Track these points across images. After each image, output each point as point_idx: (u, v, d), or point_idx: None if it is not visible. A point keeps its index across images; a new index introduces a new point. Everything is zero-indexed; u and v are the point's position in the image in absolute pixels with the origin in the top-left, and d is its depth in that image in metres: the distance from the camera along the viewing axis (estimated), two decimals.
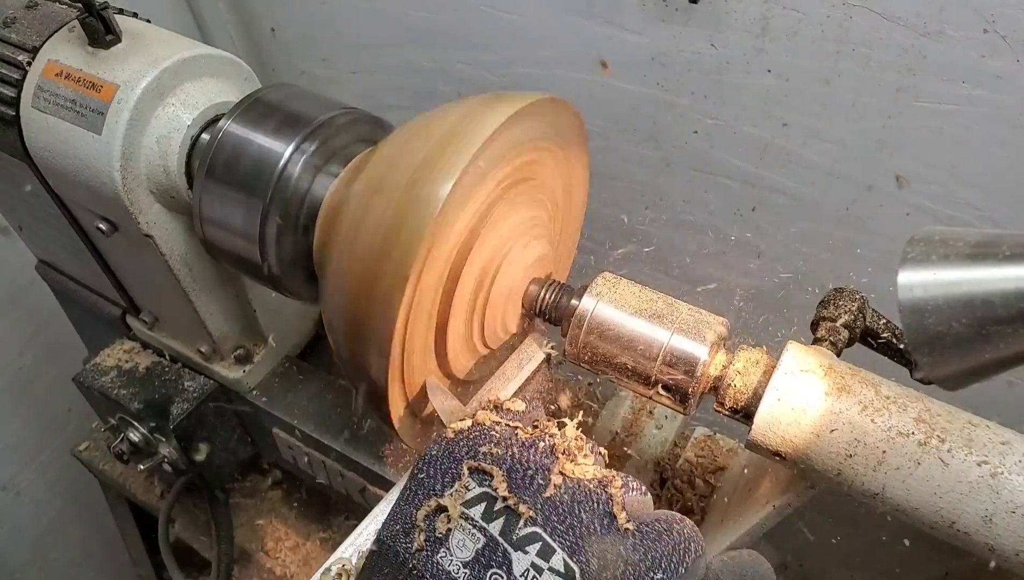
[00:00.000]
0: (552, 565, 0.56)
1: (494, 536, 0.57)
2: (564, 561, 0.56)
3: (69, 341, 1.53)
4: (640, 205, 1.61)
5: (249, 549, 1.39)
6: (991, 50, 1.09)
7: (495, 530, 0.58)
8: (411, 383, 0.79)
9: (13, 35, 0.93)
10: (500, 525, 0.58)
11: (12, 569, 1.90)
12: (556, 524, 0.58)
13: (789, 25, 1.22)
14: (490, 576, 0.56)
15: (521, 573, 0.56)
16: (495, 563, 0.56)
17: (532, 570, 0.56)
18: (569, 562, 0.56)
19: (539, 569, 0.56)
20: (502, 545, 0.57)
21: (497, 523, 0.58)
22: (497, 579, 0.56)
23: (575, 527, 0.58)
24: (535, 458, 0.62)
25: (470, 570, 0.56)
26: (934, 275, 0.52)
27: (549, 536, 0.57)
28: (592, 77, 1.47)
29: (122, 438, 1.21)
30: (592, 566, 0.57)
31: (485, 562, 0.56)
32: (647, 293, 0.78)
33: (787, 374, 0.68)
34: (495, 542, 0.57)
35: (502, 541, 0.57)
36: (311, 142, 0.85)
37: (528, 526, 0.58)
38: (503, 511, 0.58)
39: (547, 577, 0.56)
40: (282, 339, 1.22)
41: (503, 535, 0.57)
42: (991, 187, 1.22)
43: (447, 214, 0.69)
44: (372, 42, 1.73)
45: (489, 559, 0.56)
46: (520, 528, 0.58)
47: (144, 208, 0.94)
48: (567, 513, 0.59)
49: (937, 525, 0.63)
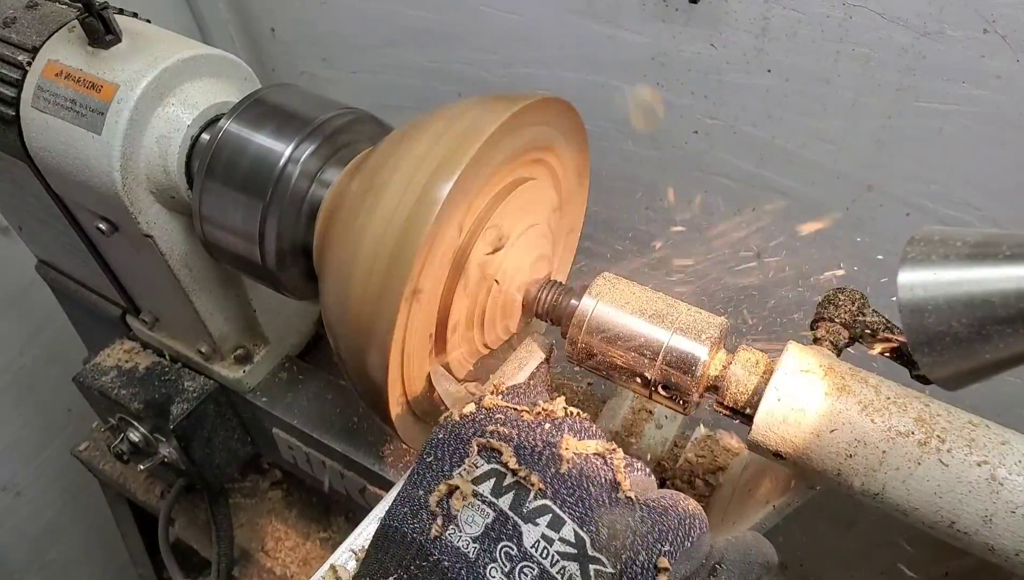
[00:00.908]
0: (563, 535, 0.57)
1: (504, 510, 0.58)
2: (575, 531, 0.57)
3: (69, 341, 1.53)
4: (640, 205, 1.61)
5: (249, 549, 1.39)
6: (991, 50, 1.09)
7: (505, 504, 0.58)
8: (411, 383, 0.79)
9: (13, 35, 0.93)
10: (510, 499, 0.59)
11: (12, 569, 1.90)
12: (566, 496, 0.59)
13: (789, 25, 1.22)
14: (500, 549, 0.57)
15: (532, 544, 0.57)
16: (505, 536, 0.57)
17: (543, 541, 0.57)
18: (579, 532, 0.57)
19: (549, 540, 0.57)
20: (512, 518, 0.58)
21: (507, 497, 0.59)
22: (508, 551, 0.56)
23: (584, 499, 0.59)
24: (541, 435, 0.63)
25: (480, 544, 0.57)
26: (934, 275, 0.52)
27: (559, 508, 0.58)
28: (592, 77, 1.47)
29: (122, 438, 1.21)
30: (602, 535, 0.57)
31: (495, 535, 0.57)
32: (647, 293, 0.78)
33: (787, 374, 0.68)
34: (505, 516, 0.58)
35: (512, 514, 0.58)
36: (311, 142, 0.85)
37: (538, 499, 0.58)
38: (512, 486, 0.59)
39: (558, 547, 0.56)
40: (282, 339, 1.22)
41: (513, 509, 0.58)
42: (991, 187, 1.22)
43: (447, 214, 0.69)
44: (372, 42, 1.73)
45: (499, 532, 0.57)
46: (530, 501, 0.58)
47: (144, 208, 0.94)
48: (576, 486, 0.59)
49: (937, 525, 0.63)
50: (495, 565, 0.56)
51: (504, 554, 0.56)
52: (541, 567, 0.56)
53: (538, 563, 0.56)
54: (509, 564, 0.56)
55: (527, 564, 0.56)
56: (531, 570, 0.56)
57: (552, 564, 0.56)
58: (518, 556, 0.56)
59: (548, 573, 0.56)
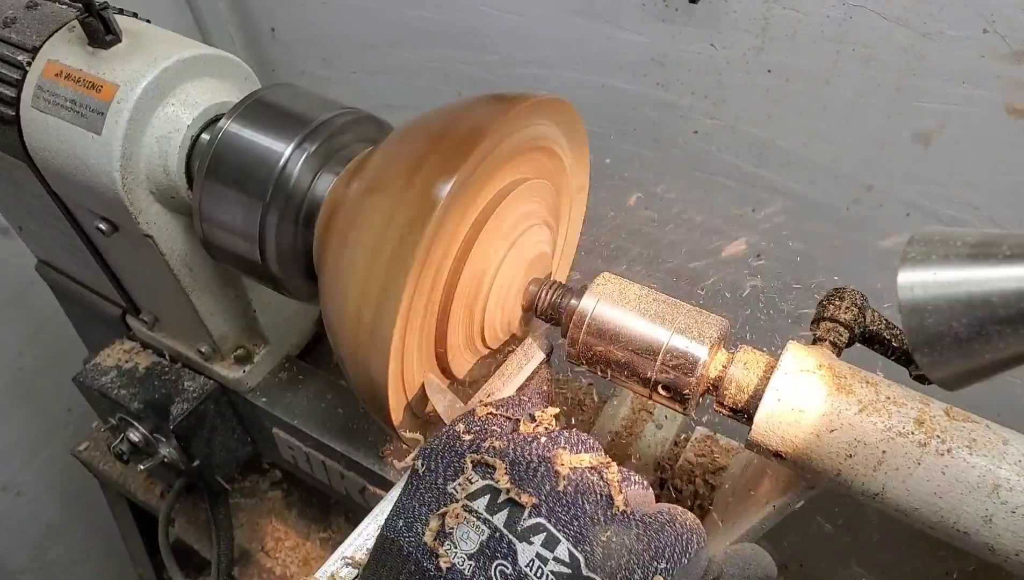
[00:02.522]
0: (557, 555, 0.56)
1: (498, 528, 0.58)
2: (569, 550, 0.57)
3: (69, 341, 1.53)
4: (640, 205, 1.61)
5: (249, 549, 1.39)
6: (991, 50, 1.09)
7: (499, 522, 0.58)
8: (411, 383, 0.79)
9: (13, 35, 0.93)
10: (504, 517, 0.58)
11: (12, 569, 1.90)
12: (560, 514, 0.58)
13: (789, 25, 1.22)
14: (495, 568, 0.56)
15: (526, 564, 0.56)
16: (500, 554, 0.57)
17: (537, 560, 0.56)
18: (574, 551, 0.57)
19: (544, 559, 0.56)
20: (507, 536, 0.57)
21: (501, 515, 0.58)
22: (503, 570, 0.56)
23: (579, 517, 0.58)
24: (536, 450, 0.62)
25: (475, 562, 0.57)
26: (934, 275, 0.52)
27: (553, 526, 0.58)
28: (592, 77, 1.47)
29: (122, 438, 1.21)
30: (596, 555, 0.57)
31: (490, 554, 0.57)
32: (647, 293, 0.78)
33: (787, 374, 0.68)
34: (500, 534, 0.57)
35: (507, 532, 0.57)
36: (311, 142, 0.85)
37: (532, 517, 0.58)
38: (507, 503, 0.59)
39: (552, 566, 0.56)
40: (282, 339, 1.22)
41: (507, 526, 0.58)
42: (991, 187, 1.22)
43: (447, 214, 0.69)
44: (372, 42, 1.73)
45: (494, 551, 0.57)
46: (524, 519, 0.58)
47: (144, 208, 0.94)
48: (571, 503, 0.59)
49: (937, 525, 0.63)
50: None
51: (499, 572, 0.56)
52: None
53: None
54: None
55: None
56: None
57: None
58: (513, 576, 0.56)
59: None
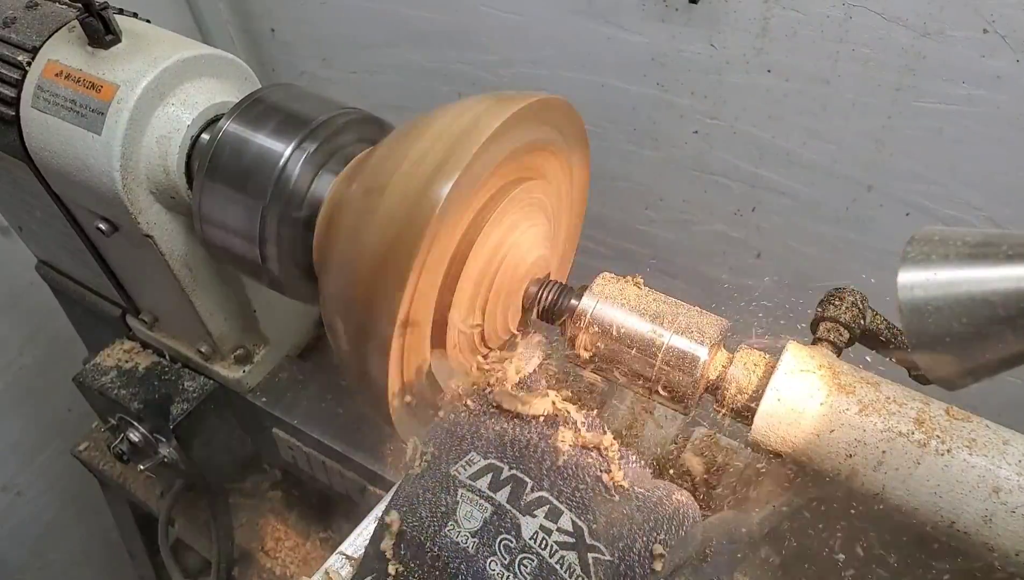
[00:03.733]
0: (561, 525, 0.58)
1: (502, 504, 0.59)
2: (572, 521, 0.58)
3: (69, 341, 1.53)
4: (640, 205, 1.61)
5: (249, 549, 1.39)
6: (991, 50, 1.09)
7: (502, 498, 0.59)
8: (411, 382, 0.79)
9: (13, 35, 0.93)
10: (507, 493, 0.59)
11: (12, 569, 1.90)
12: (562, 487, 0.59)
13: (789, 25, 1.22)
14: (499, 542, 0.57)
15: (531, 536, 0.57)
16: (504, 529, 0.58)
17: (541, 532, 0.57)
18: (577, 521, 0.58)
19: (548, 531, 0.57)
20: (510, 511, 0.58)
21: (504, 491, 0.59)
22: (507, 543, 0.57)
23: (580, 489, 0.60)
24: (537, 428, 0.64)
25: (478, 539, 0.58)
26: (934, 275, 0.52)
27: (556, 499, 0.59)
28: (592, 77, 1.47)
29: (122, 438, 1.21)
30: (599, 524, 0.58)
31: (494, 530, 0.58)
32: (647, 293, 0.78)
33: (787, 374, 0.68)
34: (503, 509, 0.58)
35: (510, 508, 0.58)
36: (311, 142, 0.85)
37: (535, 491, 0.59)
38: (509, 479, 0.60)
39: (556, 536, 0.57)
40: (282, 339, 1.22)
41: (511, 502, 0.59)
42: (991, 187, 1.22)
43: (447, 214, 0.69)
44: (372, 42, 1.73)
45: (498, 526, 0.58)
46: (527, 494, 0.59)
47: (144, 208, 0.94)
48: (572, 477, 0.60)
49: (937, 525, 0.63)
50: (495, 558, 0.56)
51: (503, 546, 0.57)
52: (540, 558, 0.56)
53: (537, 554, 0.57)
54: (508, 556, 0.56)
55: (526, 555, 0.57)
56: (530, 561, 0.56)
57: (551, 554, 0.56)
58: (517, 548, 0.57)
59: (547, 563, 0.56)
